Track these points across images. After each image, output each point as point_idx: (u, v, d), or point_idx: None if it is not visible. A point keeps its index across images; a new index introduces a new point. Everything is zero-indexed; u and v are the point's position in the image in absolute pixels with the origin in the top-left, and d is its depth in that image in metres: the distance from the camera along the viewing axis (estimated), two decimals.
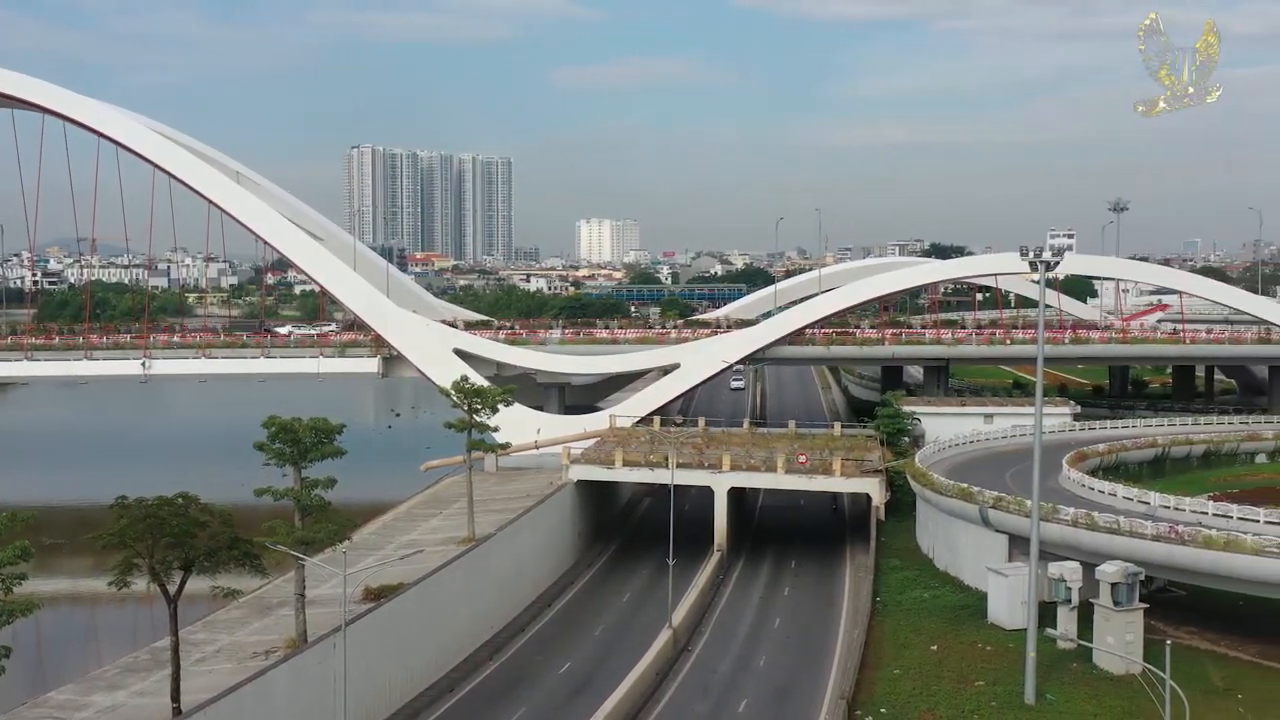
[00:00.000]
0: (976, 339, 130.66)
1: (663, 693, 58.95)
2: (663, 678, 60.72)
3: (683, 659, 64.28)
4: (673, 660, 63.43)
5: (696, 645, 66.86)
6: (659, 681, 60.02)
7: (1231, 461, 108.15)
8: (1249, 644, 62.14)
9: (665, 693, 59.00)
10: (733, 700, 57.87)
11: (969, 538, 74.59)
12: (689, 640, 67.33)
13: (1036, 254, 58.88)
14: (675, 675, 61.69)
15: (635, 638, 66.63)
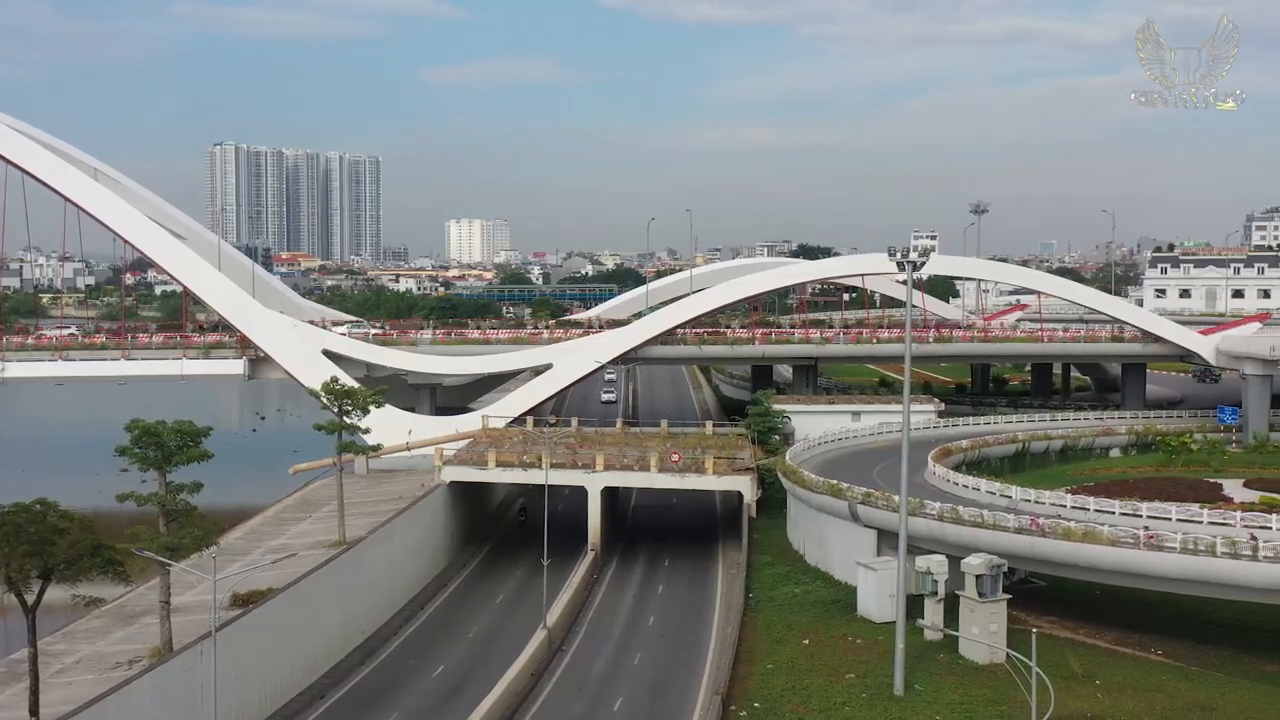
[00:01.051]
0: (844, 338, 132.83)
1: (538, 693, 58.82)
2: (538, 678, 60.59)
3: (558, 659, 64.23)
4: (548, 660, 63.35)
5: (571, 645, 66.86)
6: (534, 682, 59.89)
7: (1087, 456, 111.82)
8: (1105, 631, 64.36)
9: (541, 693, 58.89)
10: (608, 698, 58.01)
11: (839, 533, 75.86)
12: (564, 640, 67.30)
13: (904, 254, 60.12)
14: (550, 675, 61.61)
15: (510, 639, 66.37)
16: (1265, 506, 76.86)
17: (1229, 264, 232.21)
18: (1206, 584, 58.52)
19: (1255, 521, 65.09)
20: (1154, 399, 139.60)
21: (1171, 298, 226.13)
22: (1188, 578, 58.56)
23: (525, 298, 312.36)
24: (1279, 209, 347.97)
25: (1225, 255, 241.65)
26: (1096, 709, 53.11)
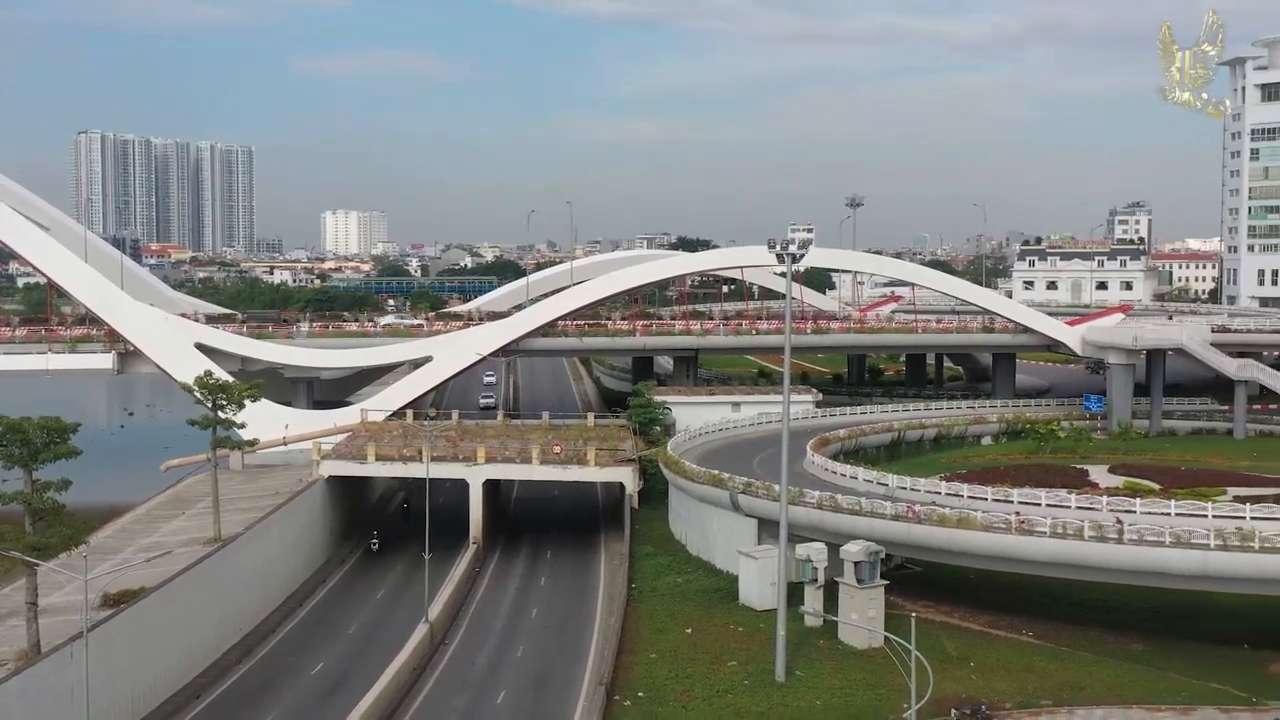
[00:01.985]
0: (724, 330, 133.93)
1: (420, 688, 58.32)
2: (420, 673, 60.06)
3: (440, 653, 63.75)
4: (430, 655, 62.83)
5: (454, 639, 66.41)
6: (416, 677, 59.34)
7: (960, 443, 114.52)
8: (978, 615, 65.97)
9: (423, 688, 58.39)
10: (491, 692, 57.77)
11: (720, 523, 76.52)
12: (446, 634, 66.82)
13: (783, 247, 60.78)
14: (433, 670, 61.13)
15: (391, 634, 65.66)
16: (1129, 491, 79.48)
17: (1093, 257, 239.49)
18: (1075, 567, 60.41)
19: (1120, 506, 67.28)
20: (1023, 388, 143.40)
21: (1039, 289, 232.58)
22: (1057, 561, 60.35)
23: (404, 290, 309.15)
24: (1140, 204, 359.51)
25: (1089, 248, 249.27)
26: (971, 690, 54.44)
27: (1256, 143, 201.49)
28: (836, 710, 52.74)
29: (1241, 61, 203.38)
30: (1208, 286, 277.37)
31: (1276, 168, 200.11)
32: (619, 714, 53.06)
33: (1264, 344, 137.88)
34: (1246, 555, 55.64)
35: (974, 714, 51.85)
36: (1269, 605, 63.00)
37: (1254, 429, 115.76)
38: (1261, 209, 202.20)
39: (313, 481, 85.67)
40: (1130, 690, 54.95)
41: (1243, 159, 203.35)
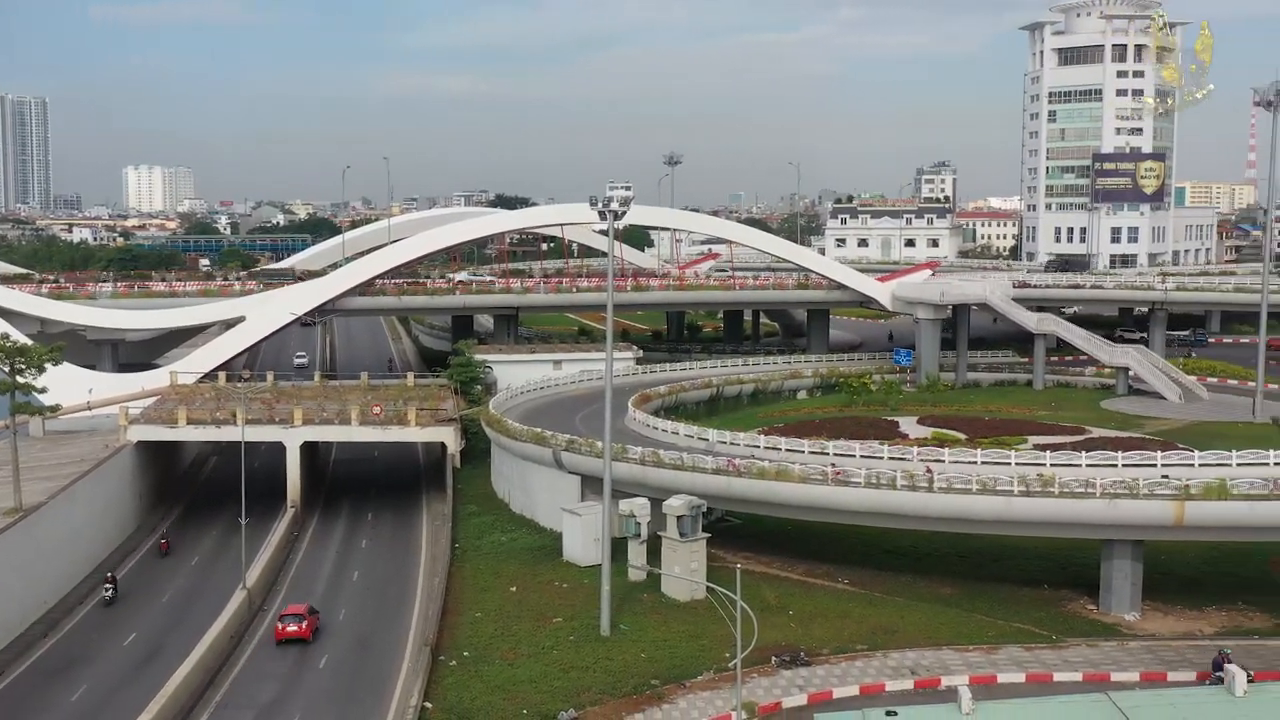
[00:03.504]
0: (544, 288, 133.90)
1: (239, 655, 57.09)
2: (239, 640, 58.76)
3: (259, 619, 62.43)
4: (249, 621, 61.50)
5: (273, 605, 65.05)
6: (235, 644, 58.06)
7: (777, 398, 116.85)
8: (797, 564, 67.71)
9: (242, 655, 57.17)
10: (313, 656, 56.87)
11: (543, 480, 76.65)
12: (265, 600, 65.47)
13: (605, 204, 60.82)
14: (252, 636, 59.85)
15: (207, 602, 63.98)
16: (938, 442, 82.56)
17: (902, 215, 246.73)
18: (888, 515, 62.44)
19: (929, 456, 69.71)
20: (837, 343, 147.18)
21: (851, 246, 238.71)
22: (871, 510, 62.28)
23: (213, 248, 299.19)
24: (945, 164, 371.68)
25: (898, 207, 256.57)
26: (790, 637, 55.94)
27: (1054, 105, 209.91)
28: (661, 662, 53.56)
29: (1040, 26, 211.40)
30: (1009, 244, 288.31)
31: (1073, 129, 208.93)
32: (444, 674, 52.88)
33: (1061, 299, 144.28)
34: (1047, 500, 58.25)
35: (793, 660, 53.36)
36: (1066, 547, 66.24)
37: (1052, 380, 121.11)
38: (1058, 169, 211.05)
39: (120, 447, 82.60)
40: (940, 632, 57.20)
41: (1041, 121, 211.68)
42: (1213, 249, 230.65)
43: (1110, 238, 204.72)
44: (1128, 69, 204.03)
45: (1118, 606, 59.56)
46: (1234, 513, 56.26)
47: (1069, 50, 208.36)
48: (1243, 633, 57.72)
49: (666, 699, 49.98)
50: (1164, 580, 62.70)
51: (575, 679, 52.00)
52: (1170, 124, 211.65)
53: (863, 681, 51.72)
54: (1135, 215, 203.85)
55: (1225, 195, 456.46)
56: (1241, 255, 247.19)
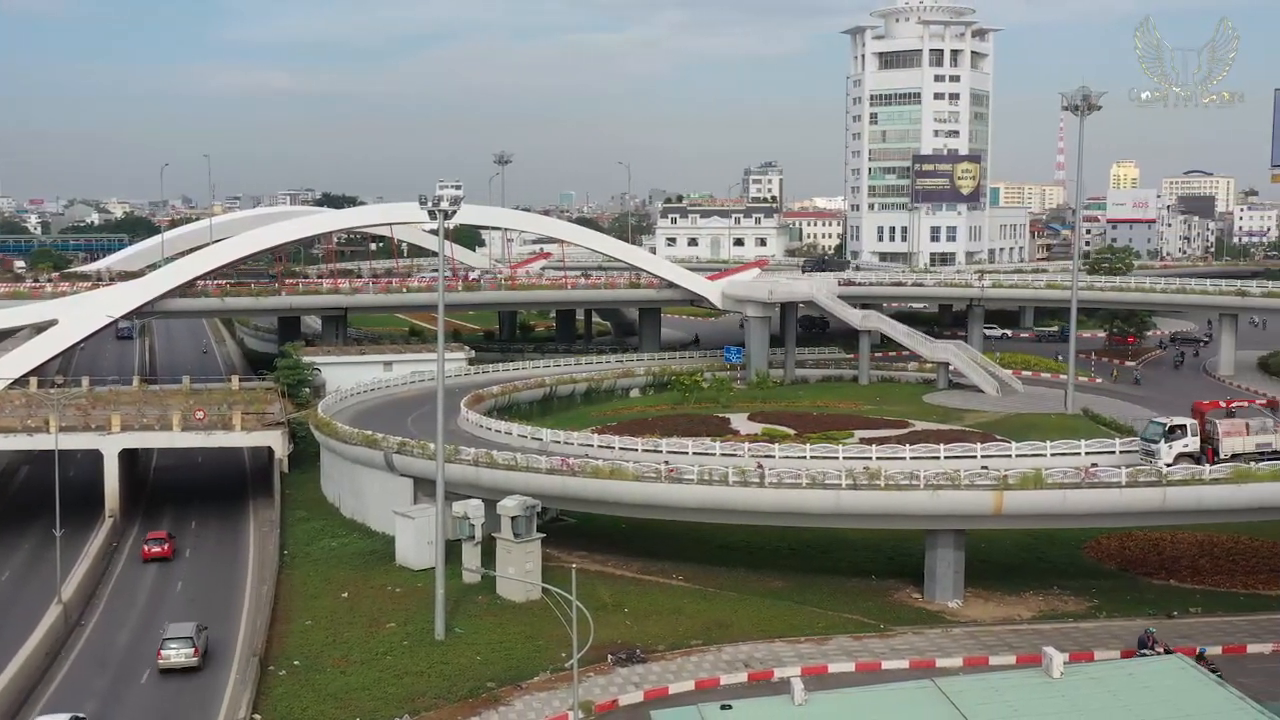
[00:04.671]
0: (374, 288, 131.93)
1: (55, 672, 54.79)
2: (54, 657, 56.38)
3: (76, 634, 60.04)
4: (65, 636, 59.05)
5: (91, 618, 62.66)
6: (50, 661, 55.69)
7: (610, 397, 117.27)
8: (632, 562, 68.04)
9: (58, 672, 54.88)
10: (136, 670, 54.90)
11: (375, 484, 75.47)
12: (82, 614, 62.96)
13: (435, 203, 60.14)
14: (69, 652, 57.50)
15: (19, 618, 61.03)
16: (768, 438, 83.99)
17: (730, 214, 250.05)
18: (721, 511, 63.20)
19: (760, 452, 70.85)
20: (669, 341, 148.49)
21: (681, 246, 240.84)
22: (705, 506, 62.94)
23: (22, 249, 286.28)
24: (772, 164, 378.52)
25: (727, 206, 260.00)
26: (626, 635, 56.18)
27: (875, 108, 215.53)
28: (497, 664, 53.23)
29: (861, 30, 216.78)
30: (834, 243, 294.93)
31: (893, 131, 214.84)
32: (274, 685, 51.63)
33: (884, 296, 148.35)
34: (873, 493, 59.69)
35: (629, 658, 53.62)
36: (893, 537, 68.06)
37: (876, 375, 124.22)
38: (880, 170, 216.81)
39: None
40: (773, 625, 58.15)
41: (863, 123, 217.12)
42: (1025, 247, 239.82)
43: (930, 236, 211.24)
44: (944, 73, 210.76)
45: (941, 594, 61.43)
46: (1048, 501, 58.51)
47: (889, 54, 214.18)
48: (1058, 616, 60.11)
49: (503, 701, 49.72)
50: (984, 568, 64.90)
51: (409, 684, 51.32)
52: (985, 127, 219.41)
53: (698, 676, 52.27)
54: (953, 215, 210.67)
55: (1037, 196, 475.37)
56: (1052, 253, 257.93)
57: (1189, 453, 62.40)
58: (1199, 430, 63.40)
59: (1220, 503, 58.23)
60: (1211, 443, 62.67)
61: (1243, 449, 61.64)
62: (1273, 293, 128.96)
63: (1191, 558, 68.39)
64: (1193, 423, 63.68)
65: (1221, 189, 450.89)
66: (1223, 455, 61.43)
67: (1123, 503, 58.22)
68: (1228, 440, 62.08)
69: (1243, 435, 62.24)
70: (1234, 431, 62.36)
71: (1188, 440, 62.75)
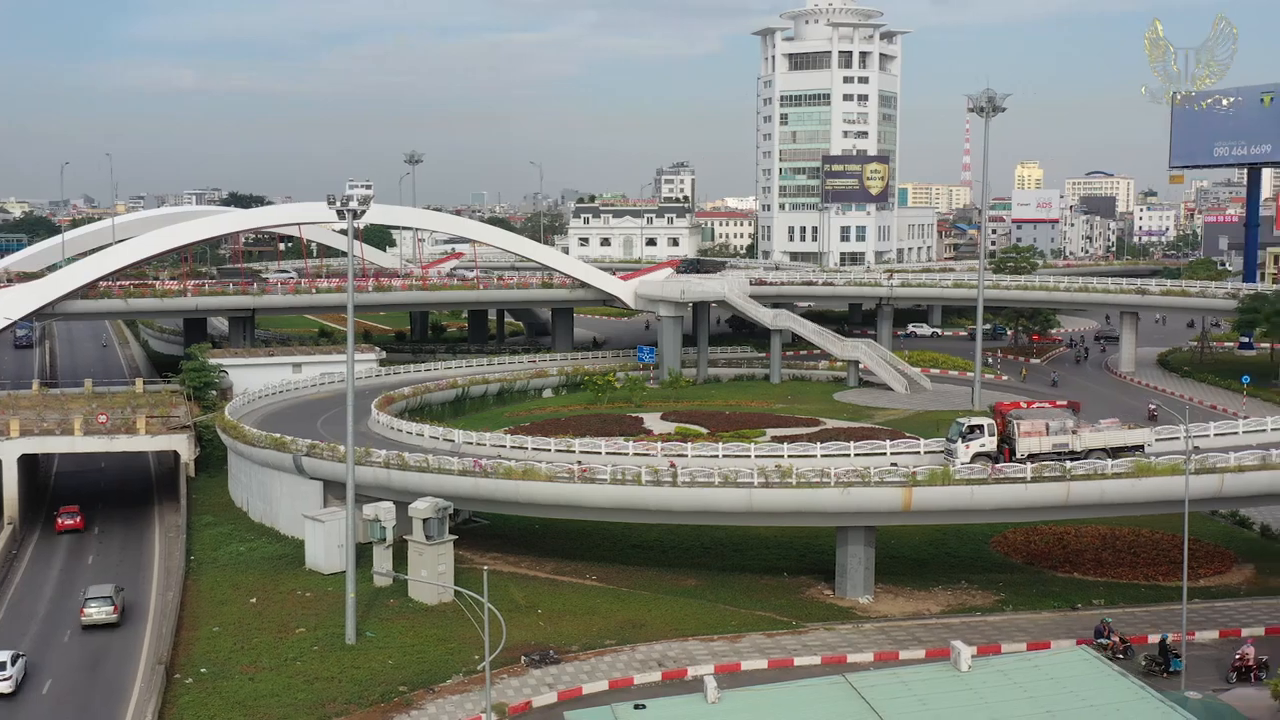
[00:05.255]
0: (282, 289, 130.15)
1: None
2: None
3: None
4: None
5: None
6: None
7: (523, 397, 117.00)
8: (545, 563, 67.88)
9: None
10: (37, 682, 53.51)
11: (284, 487, 74.46)
12: None
13: (344, 203, 59.46)
14: None
15: None
16: (681, 436, 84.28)
17: (643, 214, 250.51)
18: (635, 510, 63.27)
19: (673, 451, 71.02)
20: (581, 341, 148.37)
21: (594, 245, 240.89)
22: (618, 506, 62.95)
23: None
24: (684, 164, 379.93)
25: (639, 206, 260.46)
26: (540, 636, 56.02)
27: (785, 108, 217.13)
28: (409, 668, 52.78)
29: (771, 32, 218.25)
30: (746, 242, 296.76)
31: (803, 132, 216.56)
32: (180, 693, 50.68)
33: (795, 295, 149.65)
34: (785, 491, 60.12)
35: (543, 659, 53.45)
36: (804, 535, 68.68)
37: (788, 374, 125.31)
38: (791, 170, 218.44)
39: None
40: (686, 624, 58.33)
41: (774, 123, 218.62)
42: (933, 247, 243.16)
43: (840, 236, 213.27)
44: (853, 75, 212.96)
45: (852, 590, 62.07)
46: (956, 497, 59.38)
47: (798, 56, 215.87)
48: (966, 610, 61.04)
49: (415, 705, 49.30)
50: (895, 563, 65.74)
51: (320, 690, 50.69)
52: (894, 128, 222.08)
53: (612, 676, 52.26)
54: (862, 215, 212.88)
55: (944, 196, 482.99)
56: (959, 253, 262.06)
57: (985, 452, 63.49)
58: (998, 430, 64.41)
59: (1121, 496, 59.50)
60: (1010, 442, 63.63)
61: (1040, 449, 62.52)
62: (1171, 291, 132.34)
63: (1095, 551, 69.86)
64: (990, 423, 64.75)
65: (1122, 190, 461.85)
66: (1020, 455, 62.37)
67: (1028, 498, 59.27)
68: (1024, 440, 62.87)
69: (1041, 435, 63.00)
70: (1033, 432, 63.13)
71: (984, 440, 63.84)
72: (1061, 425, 63.68)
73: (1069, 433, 63.23)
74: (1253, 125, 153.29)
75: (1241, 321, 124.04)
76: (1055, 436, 62.97)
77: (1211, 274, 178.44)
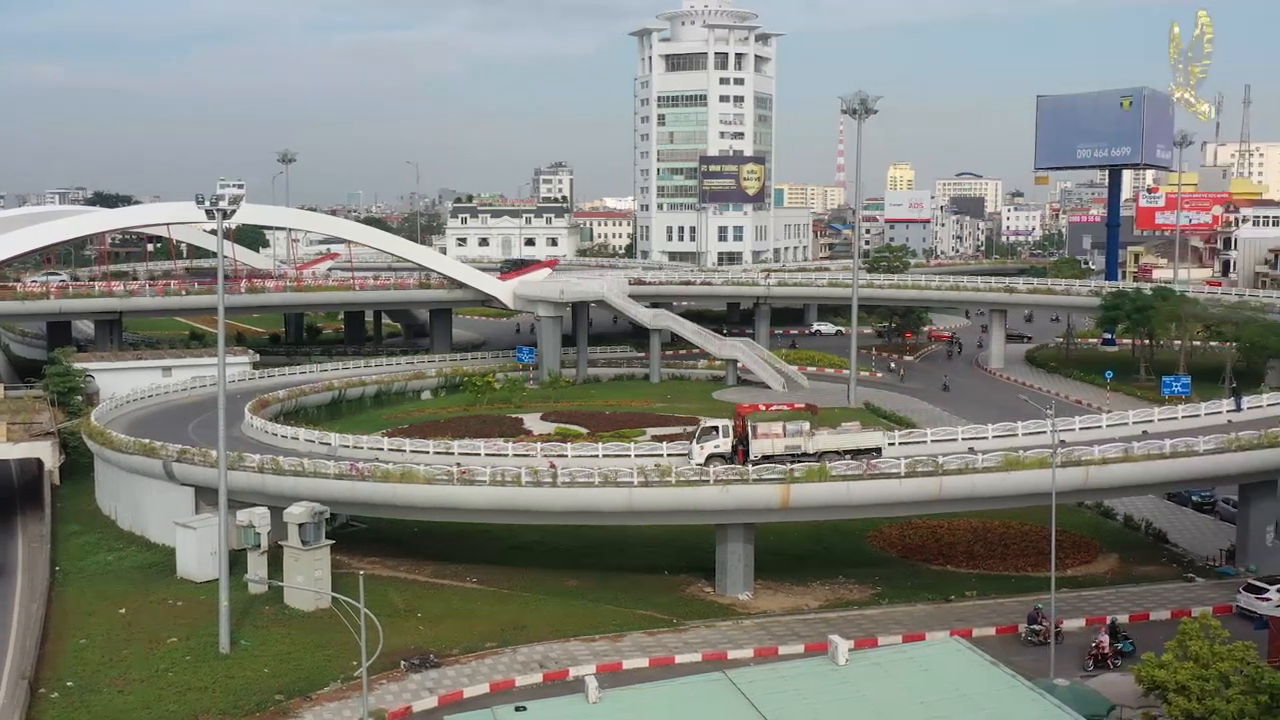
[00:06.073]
0: (151, 290, 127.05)
1: None
2: None
3: None
4: None
5: None
6: None
7: (401, 399, 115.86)
8: (425, 566, 67.18)
9: None
10: None
11: (154, 494, 72.57)
12: None
13: (213, 203, 58.20)
14: None
15: None
16: (561, 436, 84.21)
17: (521, 214, 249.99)
18: (515, 512, 62.99)
19: (553, 451, 70.92)
20: (460, 342, 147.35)
21: (472, 246, 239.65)
22: (498, 507, 62.60)
23: None
24: (562, 164, 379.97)
25: (518, 206, 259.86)
26: (420, 640, 55.44)
27: (663, 109, 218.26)
28: (285, 676, 51.82)
29: (648, 33, 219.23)
30: (624, 242, 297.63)
31: (681, 133, 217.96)
32: (45, 708, 49.06)
33: (674, 294, 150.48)
34: (665, 490, 60.37)
35: (423, 663, 52.92)
36: (685, 533, 68.99)
37: (667, 373, 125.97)
38: (668, 170, 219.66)
39: None
40: (567, 625, 58.21)
41: (651, 124, 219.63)
42: (809, 246, 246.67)
43: (718, 236, 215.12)
44: (729, 76, 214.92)
45: (732, 587, 62.56)
46: (833, 493, 60.20)
47: (675, 57, 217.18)
48: (844, 605, 61.93)
49: (292, 713, 48.42)
50: (774, 560, 66.39)
51: (193, 701, 49.50)
52: (769, 129, 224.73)
53: (493, 679, 51.92)
54: (740, 215, 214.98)
55: (819, 196, 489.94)
56: (834, 252, 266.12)
57: (720, 453, 65.26)
58: (736, 432, 65.90)
59: (992, 490, 60.96)
60: (745, 444, 65.15)
61: (773, 450, 64.16)
62: (1037, 289, 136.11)
63: (967, 544, 71.42)
64: (725, 425, 66.58)
65: (990, 190, 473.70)
66: (753, 456, 63.99)
67: (903, 492, 60.34)
68: (758, 442, 64.43)
69: (776, 438, 64.71)
70: (768, 434, 64.76)
71: (719, 441, 65.61)
72: (798, 429, 65.08)
73: (804, 435, 64.65)
74: (1113, 128, 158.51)
75: (1104, 318, 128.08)
76: (790, 439, 64.48)
77: (1076, 272, 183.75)
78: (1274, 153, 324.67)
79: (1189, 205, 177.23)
